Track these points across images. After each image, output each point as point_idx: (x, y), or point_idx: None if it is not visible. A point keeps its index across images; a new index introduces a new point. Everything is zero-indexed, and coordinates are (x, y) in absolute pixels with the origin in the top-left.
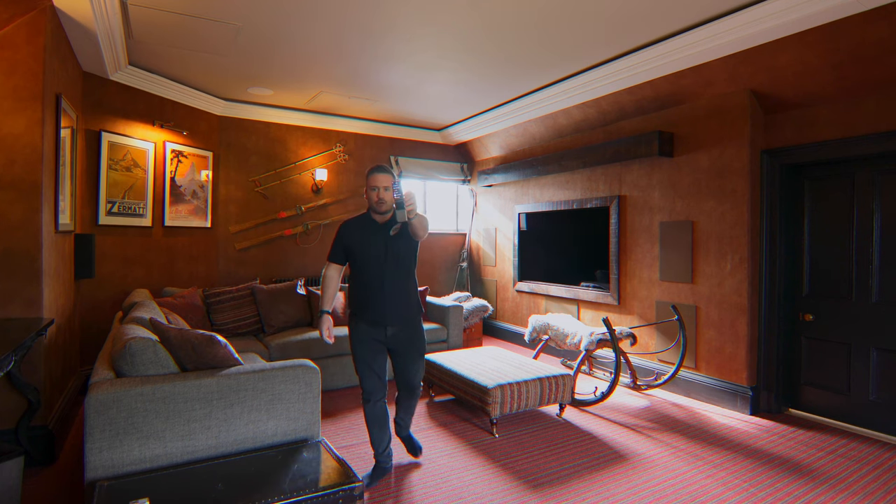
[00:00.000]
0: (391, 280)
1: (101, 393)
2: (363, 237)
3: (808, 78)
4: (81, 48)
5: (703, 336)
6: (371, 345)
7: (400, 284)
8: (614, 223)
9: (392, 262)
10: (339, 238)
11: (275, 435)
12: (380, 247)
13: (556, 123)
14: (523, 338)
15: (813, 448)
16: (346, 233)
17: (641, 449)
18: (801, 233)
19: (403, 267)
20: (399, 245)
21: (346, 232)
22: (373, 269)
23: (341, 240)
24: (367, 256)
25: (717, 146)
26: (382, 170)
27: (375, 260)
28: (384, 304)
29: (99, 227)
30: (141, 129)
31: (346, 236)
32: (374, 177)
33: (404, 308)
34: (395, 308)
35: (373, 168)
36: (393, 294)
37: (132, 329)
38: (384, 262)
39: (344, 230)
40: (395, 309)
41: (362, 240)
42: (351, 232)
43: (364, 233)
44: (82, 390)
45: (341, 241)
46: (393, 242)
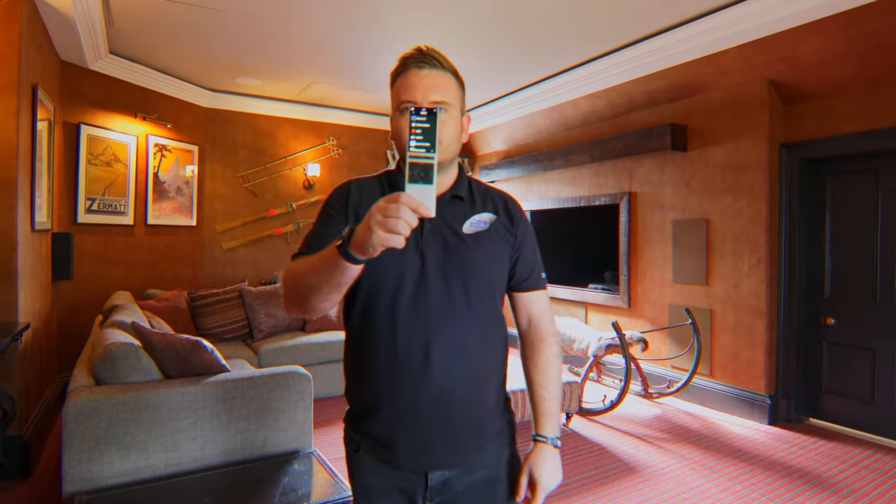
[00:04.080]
0: (449, 337)
1: (79, 401)
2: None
3: (830, 67)
4: (59, 36)
5: (719, 341)
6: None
7: (469, 349)
8: (624, 221)
9: (454, 294)
10: (332, 215)
11: (264, 446)
12: (429, 253)
13: (562, 115)
14: None
15: (835, 460)
16: (353, 206)
17: (653, 461)
18: (822, 231)
19: (479, 306)
20: (476, 254)
21: (356, 204)
22: (404, 307)
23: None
24: (394, 277)
25: (732, 140)
26: (429, 61)
27: (413, 286)
28: (426, 405)
29: (78, 225)
30: (122, 121)
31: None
32: (410, 77)
33: (475, 417)
34: (454, 417)
35: (407, 58)
36: (450, 375)
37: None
38: (433, 293)
39: (349, 200)
40: (453, 419)
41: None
42: (366, 208)
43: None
44: (60, 398)
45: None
46: (462, 247)
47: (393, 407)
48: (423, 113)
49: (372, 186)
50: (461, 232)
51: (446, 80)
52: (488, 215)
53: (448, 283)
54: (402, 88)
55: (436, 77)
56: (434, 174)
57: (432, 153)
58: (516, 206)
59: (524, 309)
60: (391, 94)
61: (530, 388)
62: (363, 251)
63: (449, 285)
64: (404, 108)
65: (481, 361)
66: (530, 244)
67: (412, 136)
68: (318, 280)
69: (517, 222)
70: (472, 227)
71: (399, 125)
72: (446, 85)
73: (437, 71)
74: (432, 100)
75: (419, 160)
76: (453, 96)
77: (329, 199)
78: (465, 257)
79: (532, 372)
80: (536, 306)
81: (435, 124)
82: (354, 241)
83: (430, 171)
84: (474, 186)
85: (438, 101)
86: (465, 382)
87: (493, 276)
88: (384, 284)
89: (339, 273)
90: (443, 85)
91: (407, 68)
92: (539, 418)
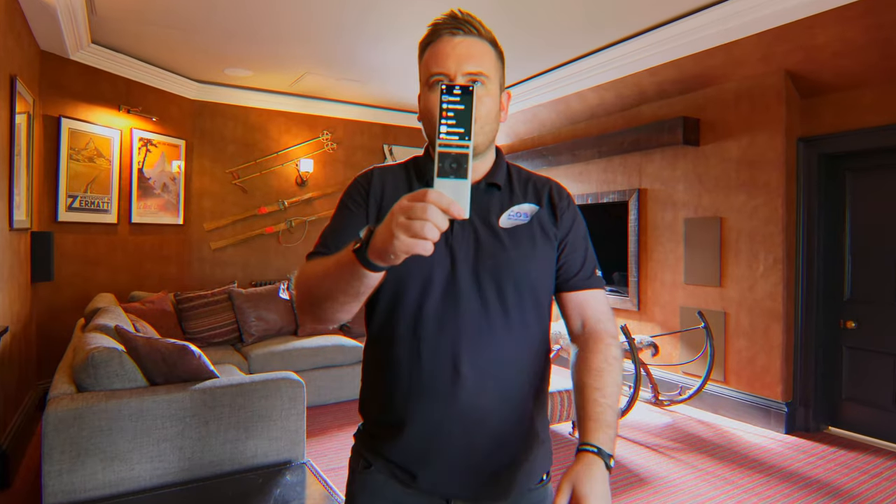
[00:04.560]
0: (482, 349)
1: (60, 409)
2: None
3: (850, 57)
4: (39, 24)
5: (733, 346)
6: None
7: (505, 363)
8: (633, 220)
9: (488, 299)
10: (351, 208)
11: (255, 456)
12: (460, 253)
13: (568, 108)
14: None
15: (856, 471)
16: (375, 198)
17: (663, 472)
18: (843, 230)
19: (517, 313)
20: (513, 253)
21: (378, 197)
22: (431, 315)
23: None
24: (420, 280)
25: (748, 133)
26: (464, 27)
27: (441, 291)
28: (454, 427)
29: (58, 224)
30: (105, 114)
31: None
32: (442, 46)
33: (509, 442)
34: (485, 441)
35: (438, 24)
36: (483, 394)
37: (95, 338)
38: (464, 298)
39: (371, 192)
40: (485, 444)
41: None
42: (391, 201)
43: None
44: (40, 406)
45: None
46: (497, 244)
47: (417, 428)
48: (457, 91)
49: (398, 176)
50: (497, 226)
51: (483, 48)
52: (529, 206)
53: (481, 286)
54: (432, 59)
55: (471, 45)
56: (469, 166)
57: (467, 140)
58: (562, 192)
59: (576, 311)
60: (419, 67)
61: (580, 393)
62: (384, 258)
63: (482, 289)
64: (434, 83)
65: (519, 378)
66: (580, 236)
67: (443, 119)
68: (333, 287)
69: (562, 212)
70: (511, 221)
71: (428, 103)
72: (483, 54)
73: (472, 38)
74: (467, 71)
75: (451, 149)
76: (492, 68)
77: (348, 189)
78: (500, 256)
79: (584, 375)
80: (591, 308)
81: (471, 105)
82: (374, 246)
83: (463, 162)
84: (514, 173)
85: (474, 72)
86: (499, 402)
87: (533, 277)
88: (409, 289)
89: (357, 281)
90: (479, 54)
91: (438, 36)
92: (589, 424)
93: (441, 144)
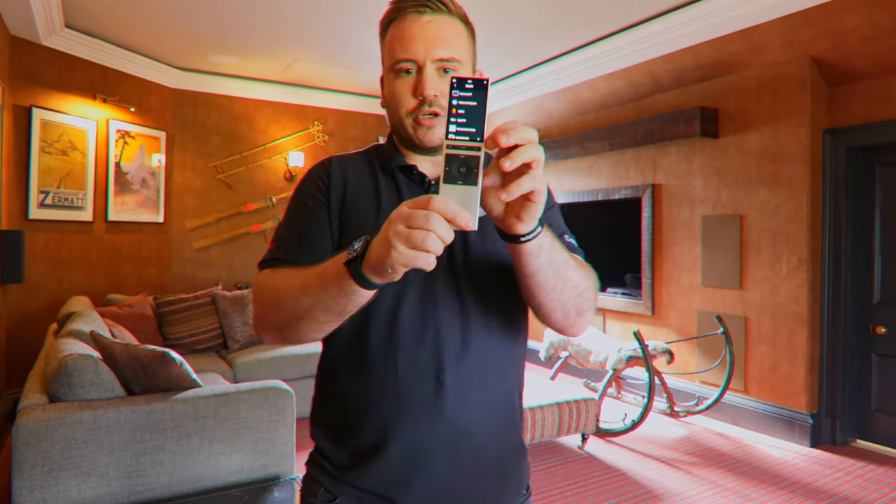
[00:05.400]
0: (464, 356)
1: (31, 421)
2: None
3: (880, 43)
4: (8, 6)
5: (754, 353)
6: None
7: (489, 368)
8: (647, 217)
9: (467, 298)
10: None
11: (240, 471)
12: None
13: (577, 98)
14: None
15: (886, 486)
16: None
17: (679, 487)
18: (872, 228)
19: (499, 312)
20: (490, 245)
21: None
22: (407, 320)
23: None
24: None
25: (770, 125)
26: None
27: (417, 292)
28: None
29: (29, 222)
30: (80, 104)
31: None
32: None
33: (497, 458)
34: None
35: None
36: (468, 406)
37: (69, 344)
38: (443, 299)
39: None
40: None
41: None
42: (355, 195)
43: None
44: (9, 418)
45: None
46: (473, 237)
47: (397, 449)
48: (469, 85)
49: (359, 166)
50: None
51: (455, 28)
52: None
53: (459, 285)
54: (397, 42)
55: (441, 25)
56: (480, 171)
57: (479, 141)
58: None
59: None
60: (381, 48)
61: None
62: (380, 273)
63: (460, 288)
64: (400, 70)
65: (502, 384)
66: (553, 212)
67: (452, 116)
68: (314, 304)
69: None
70: (482, 211)
71: (394, 91)
72: (455, 35)
73: (442, 17)
74: (438, 56)
75: (460, 151)
76: (465, 51)
77: (303, 183)
78: (478, 250)
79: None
80: None
81: (485, 101)
82: (369, 260)
83: (474, 166)
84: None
85: (445, 58)
86: (484, 412)
87: (511, 269)
88: (381, 294)
89: (344, 298)
90: (451, 35)
91: (402, 13)
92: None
93: (449, 145)
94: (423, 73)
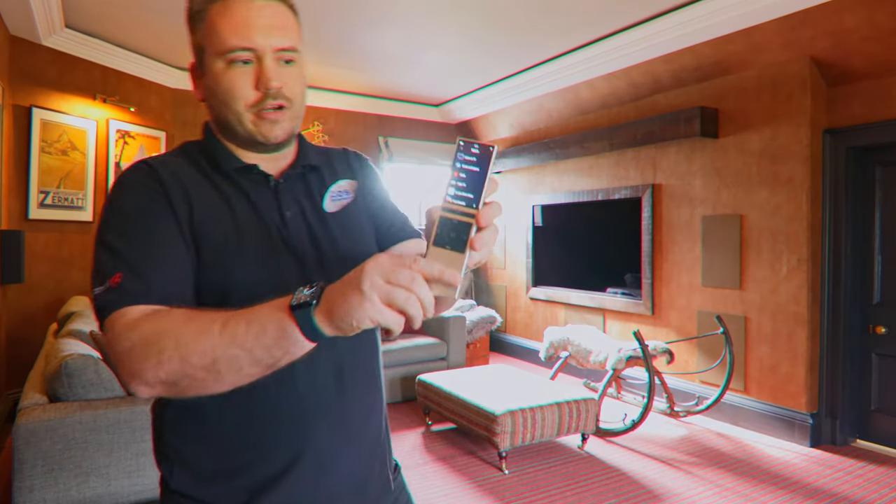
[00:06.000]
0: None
1: (31, 421)
2: (232, 217)
3: (880, 43)
4: (7, 7)
5: (754, 352)
6: None
7: (369, 362)
8: (647, 217)
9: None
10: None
11: None
12: (305, 254)
13: (577, 98)
14: (538, 354)
15: (886, 487)
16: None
17: (679, 487)
18: (872, 228)
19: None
20: (351, 239)
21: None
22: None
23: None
24: (277, 290)
25: (770, 125)
26: None
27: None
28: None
29: (29, 222)
30: (80, 104)
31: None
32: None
33: (383, 445)
34: (371, 455)
35: None
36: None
37: (69, 344)
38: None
39: (170, 190)
40: (371, 459)
41: (234, 226)
42: (201, 206)
43: (228, 206)
44: (9, 418)
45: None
46: (333, 234)
47: (303, 469)
48: (475, 150)
49: (188, 170)
50: (326, 214)
51: (288, 15)
52: (347, 182)
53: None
54: (229, 27)
55: (276, 11)
56: (468, 238)
57: (474, 208)
58: (359, 155)
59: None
60: (197, 30)
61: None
62: (338, 325)
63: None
64: (235, 59)
65: (376, 376)
66: (386, 193)
67: (453, 179)
68: (236, 356)
69: (365, 175)
70: (336, 203)
71: (231, 83)
72: (290, 22)
73: (275, 2)
74: (278, 46)
75: (454, 214)
76: (298, 38)
77: (128, 193)
78: (342, 247)
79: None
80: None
81: (487, 168)
82: (329, 308)
83: (464, 233)
84: (312, 149)
85: (286, 47)
86: (371, 408)
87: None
88: (251, 290)
89: (280, 350)
90: (287, 24)
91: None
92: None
93: (445, 207)
94: (263, 64)
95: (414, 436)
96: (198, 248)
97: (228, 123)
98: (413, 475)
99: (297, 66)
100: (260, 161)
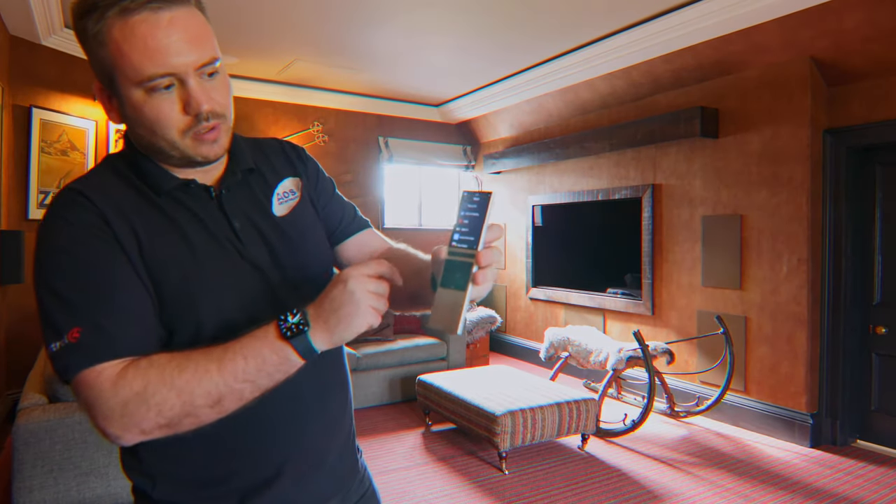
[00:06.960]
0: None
1: (31, 421)
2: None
3: (881, 43)
4: (7, 7)
5: (754, 353)
6: None
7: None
8: (647, 217)
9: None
10: (100, 257)
11: None
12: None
13: (577, 98)
14: (538, 355)
15: (886, 487)
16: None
17: (679, 488)
18: (872, 228)
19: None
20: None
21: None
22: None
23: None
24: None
25: (770, 125)
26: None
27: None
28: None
29: (29, 222)
30: (79, 104)
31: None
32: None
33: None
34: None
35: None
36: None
37: None
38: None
39: (109, 221)
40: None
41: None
42: (149, 233)
43: (177, 229)
44: (9, 418)
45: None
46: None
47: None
48: (476, 199)
49: (124, 193)
50: (276, 218)
51: (199, 20)
52: (291, 180)
53: (298, 289)
54: (141, 53)
55: (187, 21)
56: (469, 277)
57: (475, 248)
58: (295, 146)
59: (361, 253)
60: (101, 55)
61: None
62: (339, 340)
63: (300, 291)
64: (155, 87)
65: (340, 369)
66: (330, 186)
67: (458, 226)
68: (241, 388)
69: (306, 168)
70: (284, 206)
71: (155, 111)
72: (203, 29)
73: (181, 9)
74: (201, 63)
75: (459, 257)
76: (213, 42)
77: (67, 233)
78: (298, 250)
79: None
80: (377, 241)
81: (485, 212)
82: (326, 327)
83: (467, 273)
84: (245, 147)
85: (207, 61)
86: (343, 404)
87: (328, 259)
88: (237, 323)
89: (280, 374)
90: (200, 31)
91: (130, 13)
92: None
93: (452, 252)
94: (187, 87)
95: (414, 436)
96: (156, 283)
97: (160, 148)
98: (413, 475)
99: (220, 75)
100: (195, 175)
